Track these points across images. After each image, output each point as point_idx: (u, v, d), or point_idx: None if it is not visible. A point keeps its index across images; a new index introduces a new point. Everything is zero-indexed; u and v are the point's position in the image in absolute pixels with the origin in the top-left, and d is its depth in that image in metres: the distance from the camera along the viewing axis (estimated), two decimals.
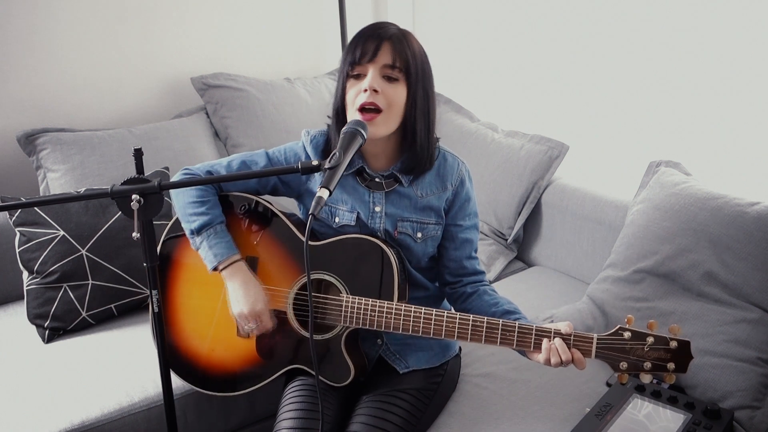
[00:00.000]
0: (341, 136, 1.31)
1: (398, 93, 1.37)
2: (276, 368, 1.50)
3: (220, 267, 1.44)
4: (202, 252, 1.45)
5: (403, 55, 1.36)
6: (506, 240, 2.30)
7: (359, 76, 1.37)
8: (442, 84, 2.79)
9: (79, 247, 1.87)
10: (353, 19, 2.88)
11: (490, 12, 2.63)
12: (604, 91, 2.28)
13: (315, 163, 1.22)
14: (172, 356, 1.55)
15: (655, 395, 1.46)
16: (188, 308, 1.55)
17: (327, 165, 1.23)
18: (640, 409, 1.42)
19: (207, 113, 2.51)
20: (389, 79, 1.37)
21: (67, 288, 1.87)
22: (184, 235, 1.50)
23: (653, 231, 1.67)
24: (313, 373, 1.46)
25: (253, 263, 1.49)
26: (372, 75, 1.35)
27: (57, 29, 2.30)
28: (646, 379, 1.24)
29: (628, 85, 2.20)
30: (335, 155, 1.24)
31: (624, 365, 1.24)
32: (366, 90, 1.35)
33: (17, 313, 1.98)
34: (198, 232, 1.45)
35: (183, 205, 1.48)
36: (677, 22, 2.03)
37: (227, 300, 1.47)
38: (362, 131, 1.31)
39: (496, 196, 2.28)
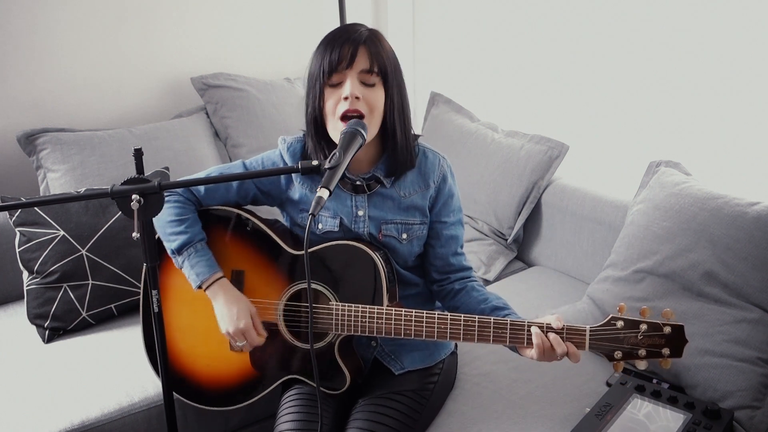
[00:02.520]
0: (341, 136, 1.30)
1: (377, 96, 1.36)
2: (272, 380, 1.49)
3: (204, 286, 1.42)
4: (185, 271, 1.44)
5: (378, 58, 1.35)
6: (506, 240, 2.30)
7: (337, 84, 1.35)
8: (442, 84, 2.81)
9: (79, 247, 1.87)
10: (353, 19, 2.88)
11: (490, 12, 2.63)
12: (604, 91, 2.28)
13: (315, 163, 1.21)
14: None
15: (655, 395, 1.46)
16: (182, 325, 1.53)
17: (327, 165, 1.22)
18: (640, 409, 1.42)
19: (207, 113, 2.51)
20: (366, 84, 1.35)
21: (67, 288, 1.87)
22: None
23: (653, 231, 1.67)
24: (309, 381, 1.46)
25: (239, 277, 1.47)
26: (351, 82, 1.33)
27: (57, 29, 2.30)
28: (641, 366, 1.24)
29: (627, 85, 2.20)
30: (335, 155, 1.23)
31: (618, 354, 1.24)
32: (347, 98, 1.33)
33: (17, 313, 1.98)
34: (179, 251, 1.43)
35: (162, 225, 1.46)
36: (677, 22, 2.03)
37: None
38: (362, 131, 1.30)
39: (496, 196, 2.28)
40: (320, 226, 1.47)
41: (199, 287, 1.43)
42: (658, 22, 2.08)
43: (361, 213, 1.46)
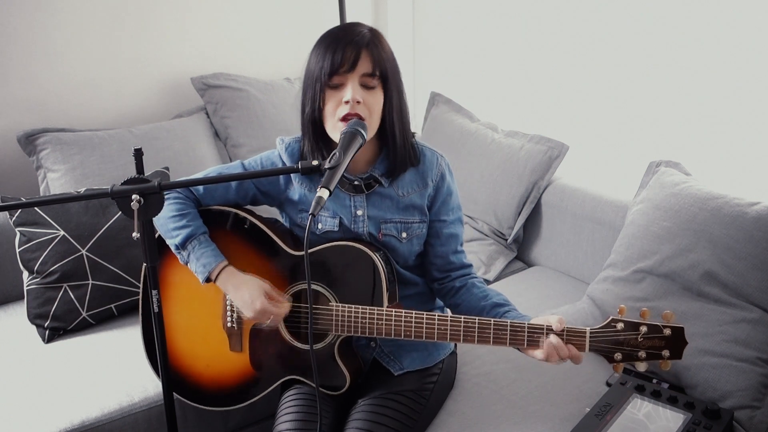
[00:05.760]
0: (341, 136, 1.30)
1: (377, 99, 1.36)
2: (271, 380, 1.49)
3: (213, 276, 1.42)
4: (192, 265, 1.43)
5: (380, 62, 1.35)
6: (506, 240, 2.30)
7: (338, 86, 1.35)
8: (442, 84, 2.81)
9: (79, 247, 1.87)
10: (353, 18, 2.88)
11: (490, 12, 2.63)
12: (603, 91, 2.28)
13: (315, 163, 1.21)
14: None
15: (655, 395, 1.46)
16: (181, 326, 1.53)
17: (327, 165, 1.22)
18: (640, 408, 1.42)
19: (207, 113, 2.51)
20: (367, 87, 1.35)
21: (67, 288, 1.87)
22: (169, 253, 1.48)
23: (653, 231, 1.67)
24: (308, 382, 1.46)
25: None
26: (353, 86, 1.33)
27: (57, 29, 2.30)
28: (641, 367, 1.24)
29: (627, 85, 2.20)
30: (335, 155, 1.23)
31: (618, 356, 1.25)
32: (348, 102, 1.33)
33: (17, 313, 1.98)
34: (183, 246, 1.43)
35: (164, 221, 1.45)
36: (677, 22, 2.03)
37: (221, 312, 1.47)
38: (362, 131, 1.30)
39: (496, 196, 2.28)
40: (320, 225, 1.47)
41: (208, 279, 1.42)
42: (658, 22, 2.08)
43: (360, 213, 1.46)
